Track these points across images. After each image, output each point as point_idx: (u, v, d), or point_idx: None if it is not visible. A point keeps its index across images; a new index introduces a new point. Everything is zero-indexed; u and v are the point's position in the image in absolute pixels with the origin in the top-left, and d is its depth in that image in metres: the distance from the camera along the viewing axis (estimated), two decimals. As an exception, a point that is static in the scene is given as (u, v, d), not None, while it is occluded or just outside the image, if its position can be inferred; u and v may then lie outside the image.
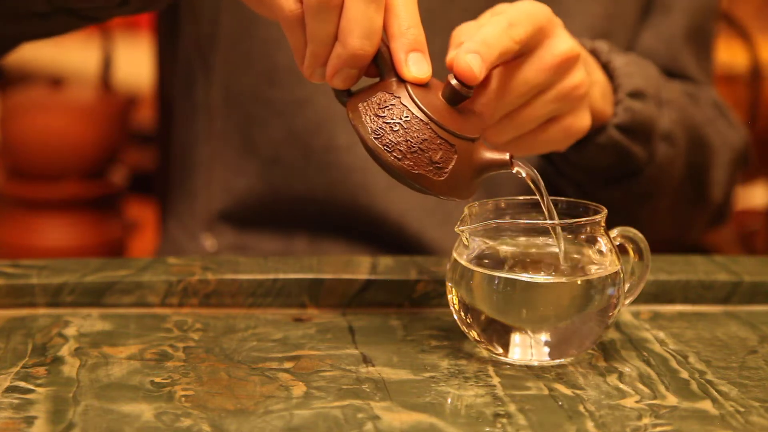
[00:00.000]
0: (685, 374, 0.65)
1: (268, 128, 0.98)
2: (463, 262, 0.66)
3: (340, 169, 0.96)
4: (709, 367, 0.67)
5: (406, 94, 0.66)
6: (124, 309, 0.74)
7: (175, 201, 1.08)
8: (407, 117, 0.65)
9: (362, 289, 0.76)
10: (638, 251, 0.69)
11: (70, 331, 0.71)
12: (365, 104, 0.66)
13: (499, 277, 0.65)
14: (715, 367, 0.67)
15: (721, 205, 1.02)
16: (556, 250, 0.66)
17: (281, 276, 0.76)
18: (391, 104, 0.66)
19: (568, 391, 0.63)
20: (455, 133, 0.66)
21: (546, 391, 0.63)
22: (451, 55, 0.69)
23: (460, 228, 0.66)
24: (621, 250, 0.68)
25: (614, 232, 0.68)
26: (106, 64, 2.07)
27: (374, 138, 0.65)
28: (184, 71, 1.04)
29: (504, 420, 0.59)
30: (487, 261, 0.66)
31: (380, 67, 0.67)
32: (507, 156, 0.67)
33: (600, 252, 0.66)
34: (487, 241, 0.67)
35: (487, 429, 0.58)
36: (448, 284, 0.67)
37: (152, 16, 1.52)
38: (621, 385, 0.64)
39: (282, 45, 0.96)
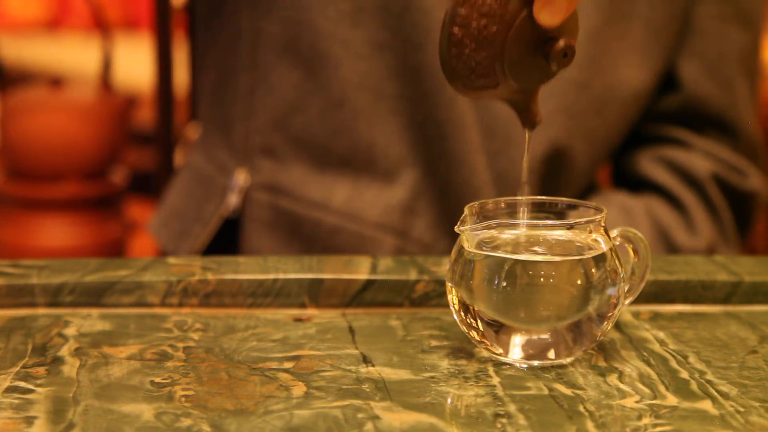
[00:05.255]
0: (685, 374, 0.66)
1: (341, 68, 0.97)
2: (467, 248, 0.66)
3: (406, 119, 0.96)
4: (709, 367, 0.67)
5: (513, 19, 0.64)
6: (124, 309, 0.74)
7: (205, 134, 1.07)
8: (490, 37, 0.63)
9: (362, 289, 0.76)
10: (638, 251, 0.69)
11: (70, 331, 0.71)
12: None
13: (499, 276, 0.65)
14: (715, 367, 0.67)
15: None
16: (558, 236, 0.66)
17: (281, 276, 0.76)
18: (494, 13, 0.63)
19: (568, 391, 0.63)
20: (511, 80, 0.65)
21: (546, 391, 0.63)
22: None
23: (460, 228, 0.66)
24: (621, 251, 0.68)
25: (614, 232, 0.68)
26: (106, 64, 2.07)
27: (455, 21, 0.63)
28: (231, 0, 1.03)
29: (504, 420, 0.59)
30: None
31: None
32: (537, 121, 0.67)
33: (600, 252, 0.66)
34: (487, 240, 0.67)
35: (487, 429, 0.58)
36: (448, 284, 0.67)
37: (152, 12, 1.52)
38: (621, 385, 0.64)
39: None
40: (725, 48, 1.04)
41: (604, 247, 0.66)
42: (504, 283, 0.65)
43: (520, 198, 0.69)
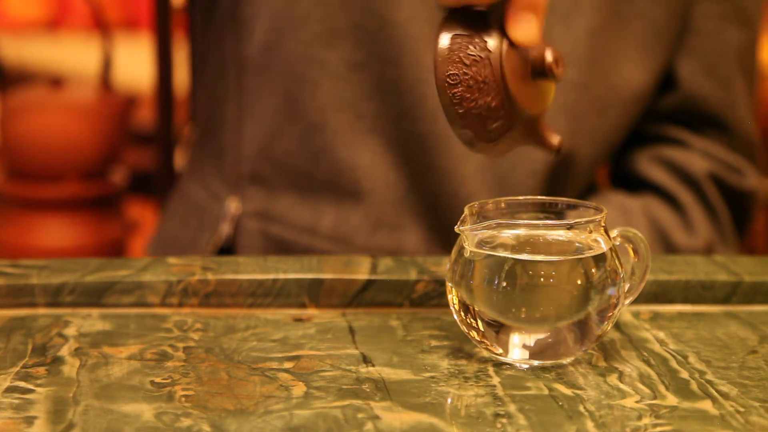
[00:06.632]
0: (685, 374, 0.66)
1: (318, 90, 0.97)
2: (467, 248, 0.66)
3: (386, 136, 0.96)
4: (709, 367, 0.67)
5: (498, 55, 0.64)
6: (124, 309, 0.74)
7: (198, 161, 1.07)
8: (487, 80, 0.64)
9: (362, 289, 0.76)
10: (638, 251, 0.69)
11: (70, 331, 0.71)
12: (458, 41, 0.65)
13: (499, 276, 0.65)
14: (715, 367, 0.67)
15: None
16: (558, 236, 0.66)
17: (281, 276, 0.76)
18: (479, 58, 0.64)
19: (568, 391, 0.63)
20: (522, 111, 0.65)
21: (546, 391, 0.63)
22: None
23: (461, 228, 0.66)
24: (621, 250, 0.68)
25: (614, 232, 0.68)
26: (106, 64, 2.07)
27: (449, 83, 0.64)
28: (216, 26, 1.03)
29: (504, 420, 0.59)
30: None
31: (492, 13, 0.65)
32: (557, 143, 0.67)
33: (600, 252, 0.66)
34: (487, 240, 0.67)
35: (487, 429, 0.58)
36: (448, 284, 0.67)
37: (152, 12, 1.52)
38: (621, 385, 0.64)
39: (345, 6, 0.96)
40: (723, 47, 1.04)
41: (604, 247, 0.66)
42: (504, 283, 0.65)
43: (519, 198, 0.69)
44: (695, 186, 1.04)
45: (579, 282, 0.65)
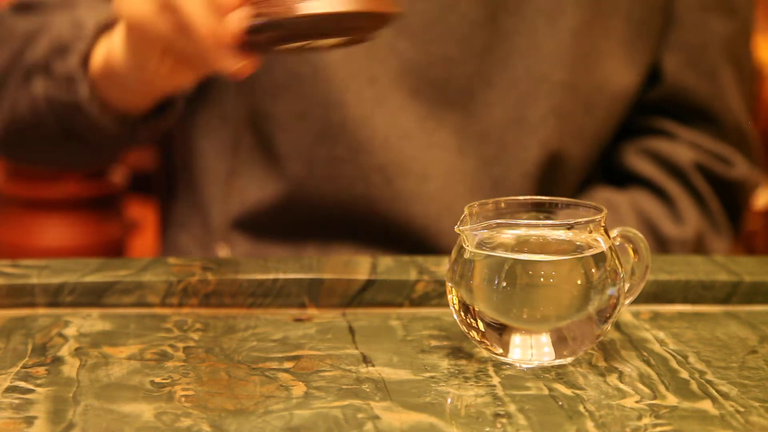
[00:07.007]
0: (685, 374, 0.66)
1: (272, 142, 0.99)
2: (467, 248, 0.66)
3: (343, 179, 0.98)
4: (709, 367, 0.67)
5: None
6: (124, 309, 0.74)
7: (184, 212, 1.08)
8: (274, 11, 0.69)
9: (362, 289, 0.76)
10: (638, 251, 0.69)
11: (70, 331, 0.71)
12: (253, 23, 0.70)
13: (499, 276, 0.65)
14: (715, 367, 0.67)
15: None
16: (558, 236, 0.66)
17: (281, 276, 0.76)
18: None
19: (568, 391, 0.63)
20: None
21: (546, 391, 0.63)
22: None
23: (460, 228, 0.66)
24: (621, 250, 0.68)
25: (614, 232, 0.68)
26: (106, 64, 2.06)
27: (275, 28, 0.68)
28: (212, 84, 1.04)
29: (504, 420, 0.59)
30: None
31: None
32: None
33: (599, 251, 0.66)
34: (487, 240, 0.67)
35: (487, 429, 0.58)
36: (448, 284, 0.67)
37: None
38: (621, 385, 0.64)
39: (281, 58, 0.97)
40: (707, 38, 1.03)
41: (604, 246, 0.66)
42: (504, 283, 0.65)
43: (519, 198, 0.69)
44: (682, 176, 1.04)
45: (579, 282, 0.65)
